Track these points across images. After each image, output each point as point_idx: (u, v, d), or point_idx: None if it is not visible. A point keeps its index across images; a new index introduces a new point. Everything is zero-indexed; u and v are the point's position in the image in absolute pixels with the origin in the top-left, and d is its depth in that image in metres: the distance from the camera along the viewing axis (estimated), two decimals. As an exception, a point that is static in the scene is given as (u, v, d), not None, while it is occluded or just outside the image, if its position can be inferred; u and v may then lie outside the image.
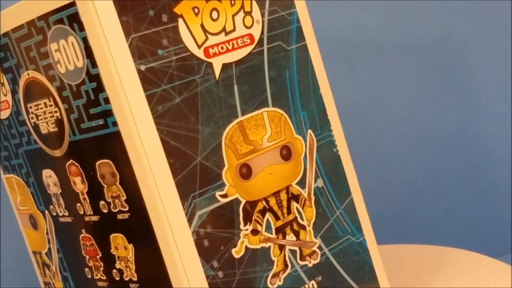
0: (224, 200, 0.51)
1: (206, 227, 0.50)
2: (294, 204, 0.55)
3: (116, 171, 0.50)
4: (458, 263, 0.66)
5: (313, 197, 0.56)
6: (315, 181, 0.56)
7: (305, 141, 0.56)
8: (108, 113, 0.49)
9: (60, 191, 0.56)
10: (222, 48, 0.52)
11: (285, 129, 0.55)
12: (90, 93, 0.50)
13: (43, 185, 0.58)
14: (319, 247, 0.56)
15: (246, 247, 0.52)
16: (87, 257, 0.57)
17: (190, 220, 0.50)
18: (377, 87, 0.92)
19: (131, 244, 0.52)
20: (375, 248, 0.59)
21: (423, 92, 0.92)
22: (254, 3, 0.54)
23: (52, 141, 0.55)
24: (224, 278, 0.51)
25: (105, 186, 0.52)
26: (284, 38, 0.56)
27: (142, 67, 0.48)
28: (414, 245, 0.73)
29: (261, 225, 0.53)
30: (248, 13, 0.54)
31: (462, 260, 0.67)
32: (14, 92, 0.57)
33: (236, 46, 0.53)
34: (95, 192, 0.53)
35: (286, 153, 0.55)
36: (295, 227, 0.55)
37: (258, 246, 0.53)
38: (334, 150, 0.58)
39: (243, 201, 0.52)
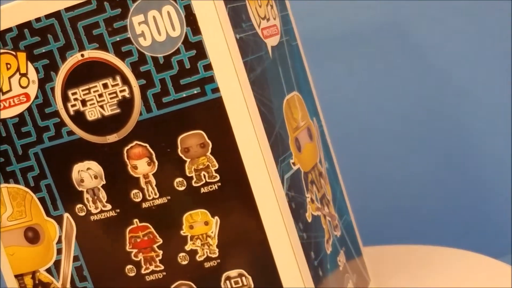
0: (294, 168, 0.54)
1: (291, 191, 0.53)
2: (322, 180, 0.60)
3: (208, 141, 0.51)
4: (458, 263, 0.67)
5: (326, 176, 0.61)
6: (326, 163, 0.62)
7: (314, 126, 0.62)
8: (208, 80, 0.50)
9: (103, 182, 0.53)
10: (267, 32, 0.56)
11: (305, 113, 0.60)
12: (186, 62, 0.50)
13: (68, 184, 0.54)
14: (338, 220, 0.61)
15: (311, 213, 0.55)
16: (134, 251, 0.54)
17: (282, 183, 0.52)
18: (377, 87, 0.91)
19: (215, 217, 0.52)
20: (356, 228, 0.66)
21: (423, 92, 0.91)
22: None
23: (105, 126, 0.52)
24: (307, 240, 0.53)
25: (188, 160, 0.51)
26: (289, 35, 0.61)
27: (237, 36, 0.51)
28: (414, 245, 0.73)
29: (313, 194, 0.57)
30: (272, 7, 0.59)
31: (462, 260, 0.67)
32: (45, 80, 0.53)
33: (273, 33, 0.57)
34: (169, 171, 0.52)
35: (310, 134, 0.60)
36: (326, 200, 0.59)
37: (316, 214, 0.56)
38: (326, 138, 0.64)
39: (302, 171, 0.56)
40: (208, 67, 0.50)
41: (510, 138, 0.90)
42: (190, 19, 0.49)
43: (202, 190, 0.52)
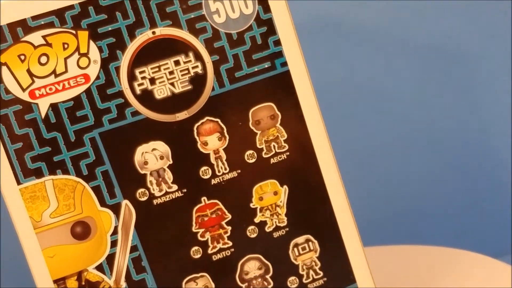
0: (321, 146, 0.60)
1: (331, 163, 0.58)
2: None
3: (277, 112, 0.54)
4: (458, 263, 0.67)
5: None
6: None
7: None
8: (277, 55, 0.54)
9: (170, 162, 0.52)
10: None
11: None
12: (257, 38, 0.53)
13: (128, 168, 0.52)
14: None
15: (332, 188, 0.60)
16: (201, 231, 0.53)
17: (330, 153, 0.57)
18: (377, 86, 0.88)
19: (284, 187, 0.54)
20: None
21: (424, 92, 0.89)
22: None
23: (175, 104, 0.52)
24: (345, 208, 0.58)
25: (259, 132, 0.54)
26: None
27: (289, 18, 0.56)
28: (414, 246, 0.73)
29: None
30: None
31: (462, 260, 0.67)
32: (109, 59, 0.51)
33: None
34: (240, 144, 0.53)
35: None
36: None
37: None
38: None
39: (318, 152, 0.61)
40: (277, 42, 0.54)
41: (510, 138, 0.91)
42: (261, -2, 0.53)
43: (272, 160, 0.54)
